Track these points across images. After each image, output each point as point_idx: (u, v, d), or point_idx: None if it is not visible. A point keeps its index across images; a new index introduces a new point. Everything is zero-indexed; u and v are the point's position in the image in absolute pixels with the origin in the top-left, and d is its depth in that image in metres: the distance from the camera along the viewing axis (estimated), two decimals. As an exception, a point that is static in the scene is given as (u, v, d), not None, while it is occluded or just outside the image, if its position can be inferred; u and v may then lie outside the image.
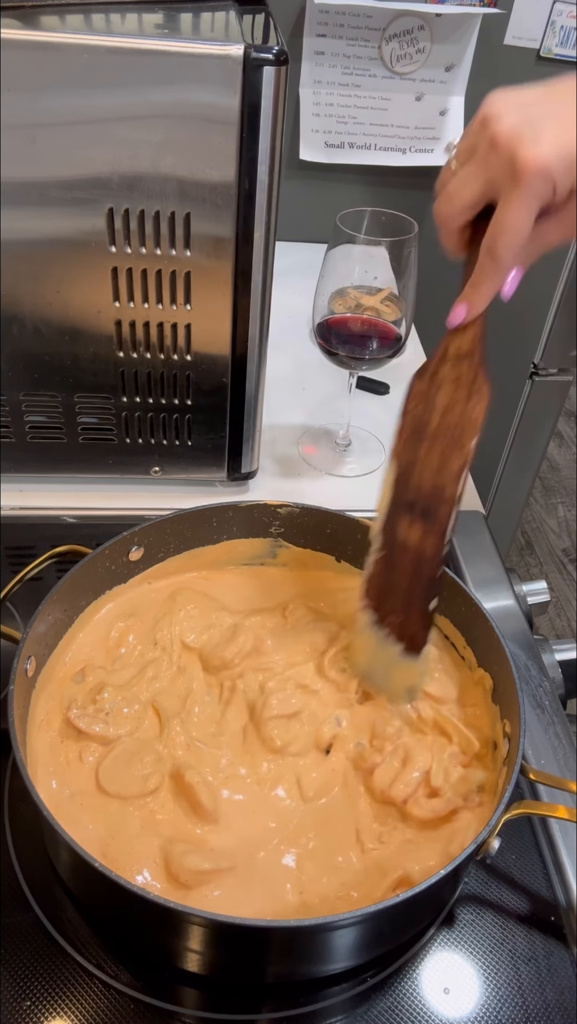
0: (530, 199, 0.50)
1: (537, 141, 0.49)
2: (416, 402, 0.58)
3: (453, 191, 0.53)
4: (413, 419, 0.58)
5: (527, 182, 0.49)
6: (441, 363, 0.58)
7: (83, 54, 0.61)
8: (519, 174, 0.49)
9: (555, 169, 0.49)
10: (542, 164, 0.48)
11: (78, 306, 0.74)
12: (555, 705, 0.73)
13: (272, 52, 0.63)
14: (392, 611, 0.61)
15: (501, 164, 0.50)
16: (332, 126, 1.26)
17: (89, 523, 0.85)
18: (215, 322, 0.76)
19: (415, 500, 0.58)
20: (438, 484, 0.57)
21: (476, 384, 0.57)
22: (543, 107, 0.51)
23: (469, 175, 0.52)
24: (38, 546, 0.79)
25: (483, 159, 0.51)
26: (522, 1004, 0.55)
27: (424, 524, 0.58)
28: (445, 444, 0.57)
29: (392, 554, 0.60)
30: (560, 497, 2.55)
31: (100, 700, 0.63)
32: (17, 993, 0.53)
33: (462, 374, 0.57)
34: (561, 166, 0.49)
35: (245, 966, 0.55)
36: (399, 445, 0.59)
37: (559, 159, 0.49)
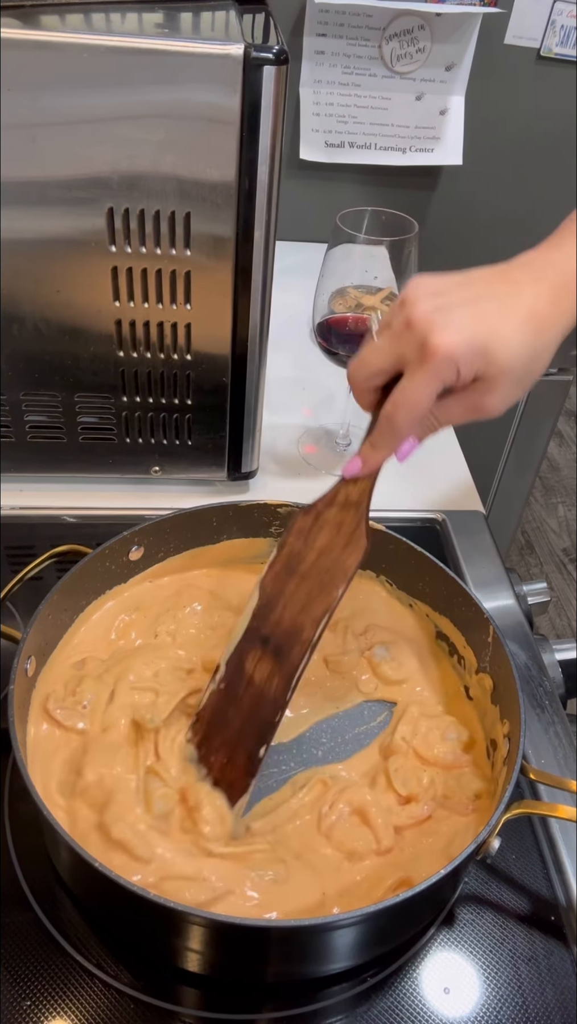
0: (433, 379, 0.53)
1: (446, 328, 0.52)
2: (295, 537, 0.60)
3: (366, 358, 0.56)
4: (289, 553, 0.60)
5: (433, 364, 0.52)
6: (328, 506, 0.60)
7: (83, 54, 0.61)
8: (427, 356, 0.52)
9: (460, 356, 0.52)
10: (448, 350, 0.52)
11: (78, 306, 0.74)
12: (555, 705, 0.73)
13: (272, 52, 0.63)
14: (217, 750, 0.58)
15: (412, 343, 0.53)
16: (332, 126, 1.26)
17: (89, 523, 0.85)
18: (215, 322, 0.76)
19: (270, 635, 0.58)
20: (298, 624, 0.57)
21: (356, 535, 0.58)
22: (457, 296, 0.54)
23: (382, 346, 0.55)
24: (38, 546, 0.79)
25: (397, 335, 0.54)
26: (522, 1004, 0.55)
27: (274, 662, 0.57)
28: (313, 585, 0.58)
29: (233, 687, 0.58)
30: (560, 497, 2.55)
31: (80, 692, 0.63)
32: (17, 993, 0.53)
33: (345, 521, 0.59)
34: (466, 354, 0.52)
35: (245, 966, 0.55)
36: (268, 576, 0.60)
37: (465, 347, 0.52)
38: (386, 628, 0.72)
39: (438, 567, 0.69)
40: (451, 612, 0.69)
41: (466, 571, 0.83)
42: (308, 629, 0.57)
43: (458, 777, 0.62)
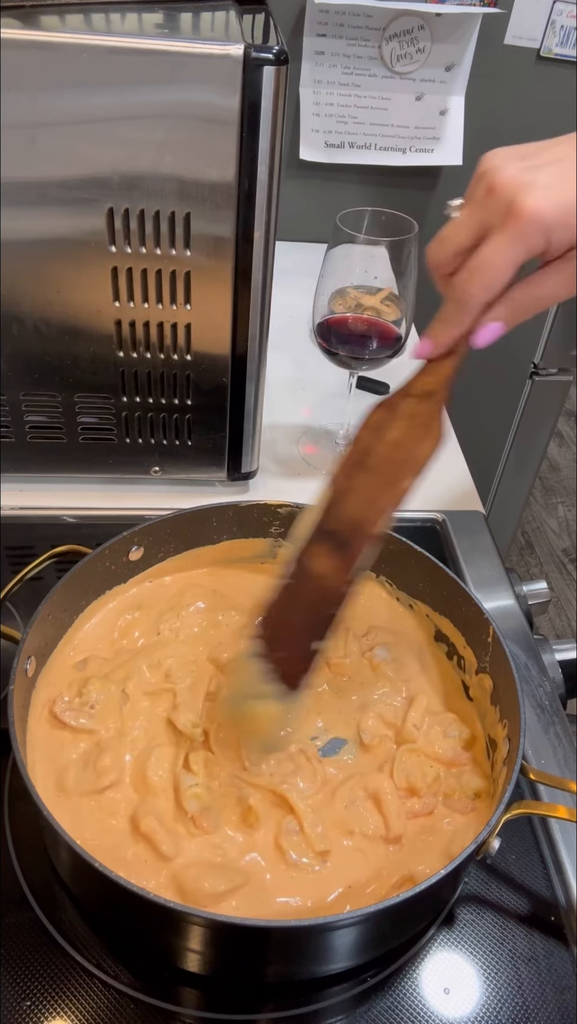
0: (517, 243, 0.48)
1: (534, 187, 0.47)
2: (367, 431, 0.57)
3: (446, 235, 0.51)
4: (360, 447, 0.56)
5: (520, 227, 0.47)
6: (403, 397, 0.56)
7: (83, 54, 0.61)
8: (513, 217, 0.47)
9: (551, 220, 0.47)
10: (537, 211, 0.47)
11: (78, 306, 0.74)
12: (555, 705, 0.73)
13: (272, 52, 0.63)
14: (281, 645, 0.57)
15: (497, 207, 0.48)
16: (332, 126, 1.26)
17: (89, 523, 0.85)
18: (215, 322, 0.76)
19: (336, 530, 0.55)
20: (363, 517, 0.55)
21: (431, 425, 0.55)
22: (543, 157, 0.49)
23: (463, 219, 0.50)
24: (38, 546, 0.79)
25: (479, 203, 0.49)
26: (522, 1004, 0.55)
27: (338, 556, 0.55)
28: (382, 477, 0.55)
29: (297, 582, 0.57)
30: (560, 497, 2.55)
31: (85, 692, 0.63)
32: (17, 993, 0.53)
33: (420, 412, 0.55)
34: (559, 219, 0.47)
35: (245, 966, 0.55)
36: (340, 471, 0.56)
37: (557, 211, 0.47)
38: (387, 629, 0.72)
39: (438, 567, 0.69)
40: (451, 612, 0.69)
41: (466, 571, 0.83)
42: (372, 522, 0.54)
43: (458, 775, 0.62)
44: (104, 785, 0.58)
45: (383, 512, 0.54)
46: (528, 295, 0.50)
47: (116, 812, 0.57)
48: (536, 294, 0.50)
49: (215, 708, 0.63)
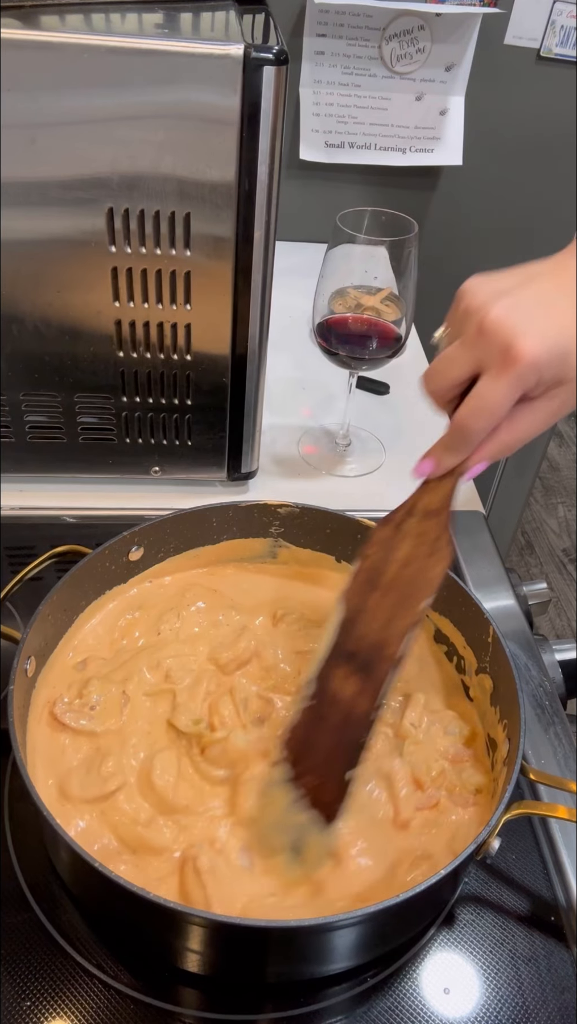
0: (515, 386, 0.50)
1: (528, 334, 0.49)
2: (377, 548, 0.58)
3: (440, 369, 0.53)
4: (371, 565, 0.57)
5: (518, 372, 0.49)
6: (408, 516, 0.58)
7: (83, 54, 0.61)
8: (510, 363, 0.49)
9: (545, 363, 0.49)
10: (535, 357, 0.49)
11: (78, 306, 0.74)
12: (555, 705, 0.73)
13: (272, 52, 0.63)
14: (310, 771, 0.56)
15: (492, 349, 0.50)
16: (332, 126, 1.26)
17: (89, 523, 0.85)
18: (215, 322, 0.76)
19: (356, 651, 0.56)
20: (382, 639, 0.55)
21: (439, 544, 0.56)
22: (525, 294, 0.51)
23: (457, 356, 0.52)
24: (38, 546, 0.79)
25: (472, 342, 0.51)
26: (522, 1004, 0.55)
27: (361, 679, 0.55)
28: (397, 598, 0.56)
29: (321, 706, 0.56)
30: (560, 497, 2.55)
31: (86, 693, 0.63)
32: (17, 993, 0.53)
33: (427, 531, 0.57)
34: (551, 360, 0.49)
35: (245, 966, 0.55)
36: (352, 589, 0.57)
37: (550, 355, 0.49)
38: None
39: (438, 567, 0.69)
40: (451, 612, 0.69)
41: (466, 571, 0.83)
42: (393, 644, 0.55)
43: (460, 771, 0.62)
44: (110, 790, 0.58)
45: (403, 634, 0.55)
46: (512, 435, 0.53)
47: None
48: (519, 434, 0.53)
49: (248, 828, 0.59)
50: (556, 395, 0.52)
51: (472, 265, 0.56)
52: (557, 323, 0.50)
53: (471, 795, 0.60)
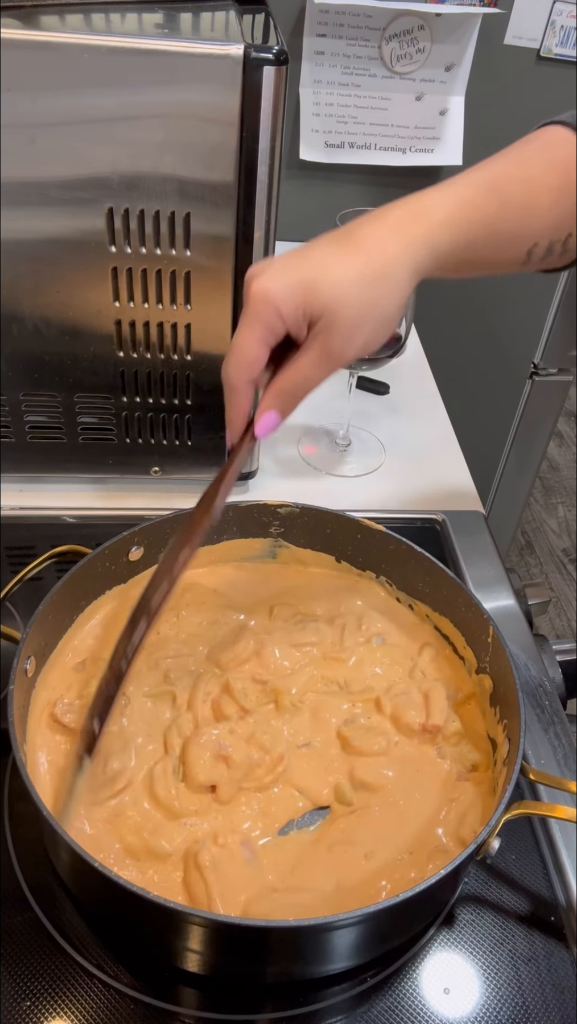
0: (255, 322, 0.52)
1: (265, 272, 0.52)
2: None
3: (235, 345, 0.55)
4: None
5: (252, 307, 0.52)
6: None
7: (83, 54, 0.61)
8: (248, 300, 0.52)
9: (277, 294, 0.51)
10: (264, 289, 0.51)
11: (78, 306, 0.74)
12: (555, 705, 0.73)
13: (272, 52, 0.63)
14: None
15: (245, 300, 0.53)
16: (332, 126, 1.26)
17: (89, 523, 0.85)
18: (215, 322, 0.76)
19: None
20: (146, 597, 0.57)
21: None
22: (284, 258, 0.53)
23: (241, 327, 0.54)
24: (38, 546, 0.79)
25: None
26: (522, 1004, 0.55)
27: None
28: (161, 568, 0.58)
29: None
30: (560, 497, 2.55)
31: (86, 695, 0.62)
32: (17, 993, 0.53)
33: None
34: (284, 291, 0.51)
35: (245, 966, 0.55)
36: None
37: (284, 289, 0.51)
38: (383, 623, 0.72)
39: (438, 567, 0.69)
40: (451, 612, 0.69)
41: (466, 571, 0.83)
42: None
43: (458, 744, 0.64)
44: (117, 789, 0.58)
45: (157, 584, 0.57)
46: (289, 381, 0.54)
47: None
48: (295, 379, 0.54)
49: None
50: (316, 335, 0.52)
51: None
52: (302, 265, 0.52)
53: (467, 771, 0.62)
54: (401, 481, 0.95)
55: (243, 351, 0.53)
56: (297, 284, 0.51)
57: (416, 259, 0.54)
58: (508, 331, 1.48)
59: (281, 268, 0.52)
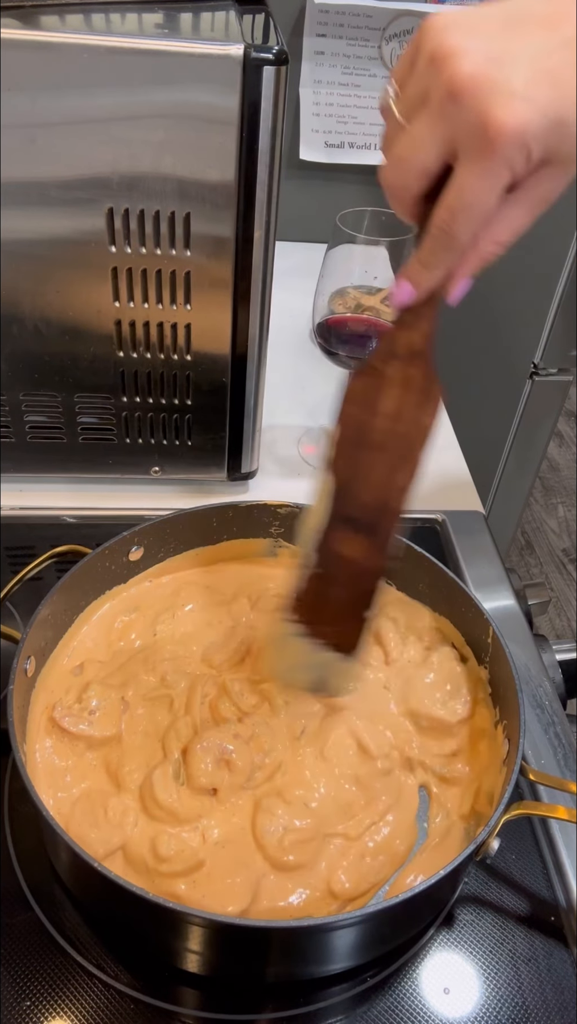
0: (499, 171, 0.40)
1: (513, 96, 0.38)
2: (355, 405, 0.51)
3: (405, 155, 0.42)
4: (352, 424, 0.51)
5: (499, 151, 0.39)
6: (386, 360, 0.49)
7: (83, 54, 0.61)
8: (490, 140, 0.39)
9: (533, 134, 0.39)
10: (519, 128, 0.38)
11: (78, 306, 0.74)
12: (555, 705, 0.73)
13: (272, 52, 0.63)
14: (326, 623, 0.56)
15: (466, 122, 0.39)
16: (332, 126, 1.26)
17: (89, 523, 0.85)
18: (215, 322, 0.76)
19: (357, 516, 0.52)
20: (383, 499, 0.51)
21: (428, 388, 0.50)
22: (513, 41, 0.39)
23: (424, 134, 0.41)
24: (38, 546, 0.79)
25: (439, 112, 0.40)
26: (522, 1004, 0.55)
27: (367, 539, 0.53)
28: (392, 456, 0.51)
29: (330, 570, 0.54)
30: (560, 497, 2.55)
31: (85, 698, 0.62)
32: (17, 993, 0.53)
33: (412, 376, 0.49)
34: (540, 129, 0.39)
35: (245, 966, 0.55)
36: (339, 455, 0.51)
37: (540, 120, 0.38)
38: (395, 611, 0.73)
39: (438, 567, 0.69)
40: (451, 612, 0.69)
41: (466, 571, 0.83)
42: (395, 500, 0.52)
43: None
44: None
45: (404, 490, 0.51)
46: (502, 234, 0.44)
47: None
48: (509, 233, 0.44)
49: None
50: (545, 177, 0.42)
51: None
52: (549, 82, 0.38)
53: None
54: (401, 481, 0.94)
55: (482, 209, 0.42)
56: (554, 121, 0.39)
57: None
58: (508, 331, 1.48)
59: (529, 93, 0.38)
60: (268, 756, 0.60)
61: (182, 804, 0.58)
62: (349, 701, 0.64)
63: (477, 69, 0.38)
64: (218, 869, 0.55)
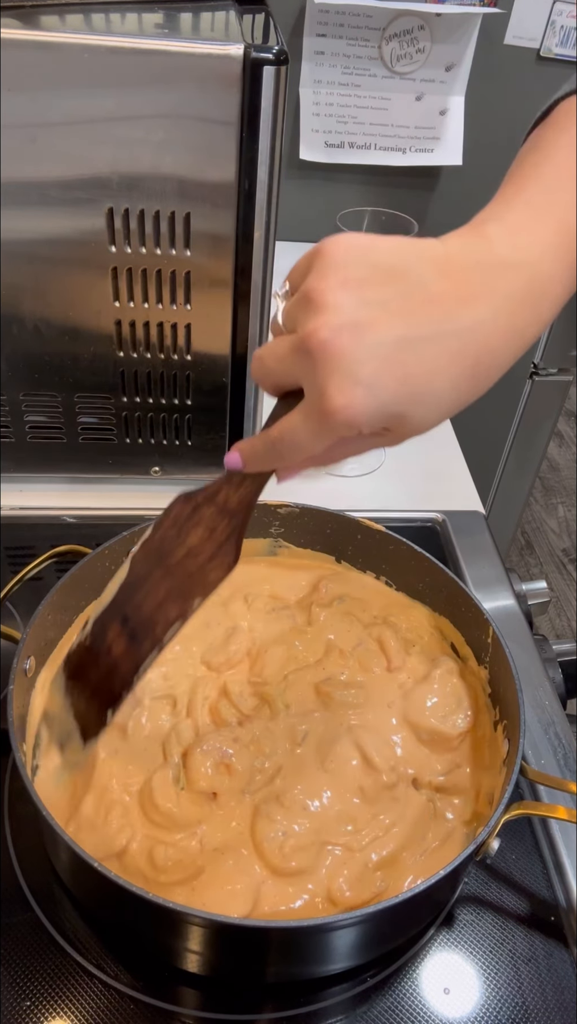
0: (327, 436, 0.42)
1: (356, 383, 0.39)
2: (171, 524, 0.53)
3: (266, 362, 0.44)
4: (161, 538, 0.53)
5: (329, 424, 0.41)
6: (207, 502, 0.52)
7: (83, 54, 0.61)
8: (324, 413, 0.40)
9: (366, 422, 0.40)
10: (350, 416, 0.40)
11: (78, 306, 0.74)
12: (555, 705, 0.73)
13: (272, 52, 0.63)
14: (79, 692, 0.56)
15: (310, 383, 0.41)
16: (332, 126, 1.26)
17: (89, 523, 0.85)
18: (215, 322, 0.76)
19: (129, 617, 0.54)
20: (152, 618, 0.53)
21: (224, 548, 0.52)
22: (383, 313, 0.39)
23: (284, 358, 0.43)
24: (38, 546, 0.79)
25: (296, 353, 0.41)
26: (522, 1004, 0.55)
27: (128, 644, 0.54)
28: (174, 585, 0.53)
29: (94, 649, 0.55)
30: (560, 497, 2.55)
31: None
32: (17, 993, 0.53)
33: (218, 528, 0.52)
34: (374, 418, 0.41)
35: (245, 966, 0.55)
36: (139, 553, 0.54)
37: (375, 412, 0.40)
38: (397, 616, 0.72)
39: (438, 567, 0.69)
40: (451, 612, 0.69)
41: (466, 571, 0.83)
42: (160, 627, 0.53)
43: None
44: None
45: (169, 624, 0.53)
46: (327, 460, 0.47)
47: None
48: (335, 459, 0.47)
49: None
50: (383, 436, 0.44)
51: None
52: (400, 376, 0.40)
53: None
54: (401, 481, 0.95)
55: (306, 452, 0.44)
56: (388, 417, 0.41)
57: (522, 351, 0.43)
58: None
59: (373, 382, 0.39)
60: (268, 760, 0.60)
61: (181, 810, 0.57)
62: (351, 709, 0.64)
63: (332, 338, 0.39)
64: (218, 877, 0.54)
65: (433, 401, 0.41)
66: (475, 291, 0.41)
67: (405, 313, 0.40)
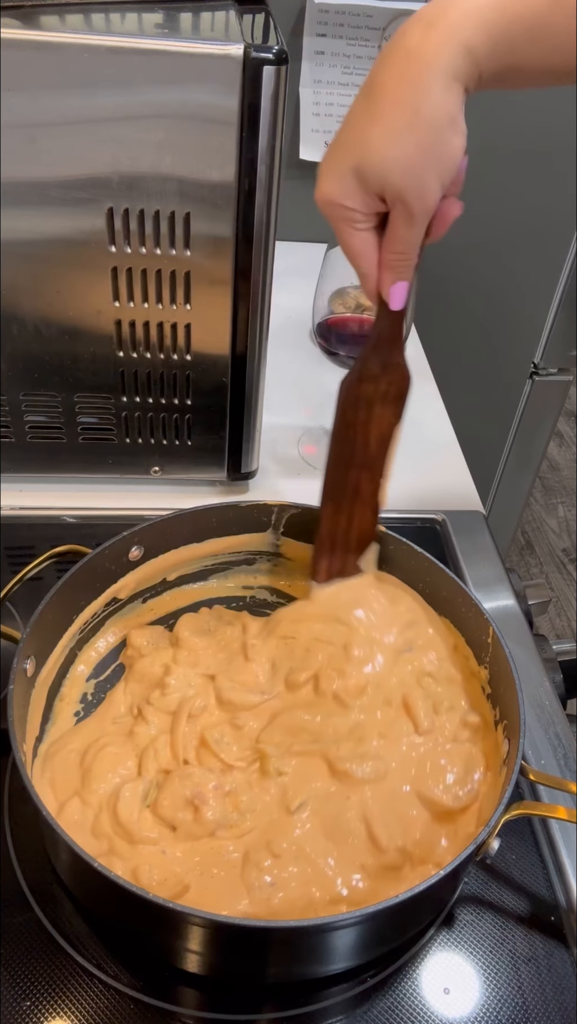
0: (337, 224, 0.55)
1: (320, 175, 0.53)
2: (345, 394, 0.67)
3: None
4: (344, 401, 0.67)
5: (325, 213, 0.55)
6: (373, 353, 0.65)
7: (83, 54, 0.61)
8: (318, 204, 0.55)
9: (335, 194, 0.53)
10: (323, 195, 0.53)
11: (78, 306, 0.74)
12: (555, 705, 0.73)
13: (272, 52, 0.63)
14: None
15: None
16: (332, 126, 1.26)
17: (89, 523, 0.85)
18: (215, 322, 0.76)
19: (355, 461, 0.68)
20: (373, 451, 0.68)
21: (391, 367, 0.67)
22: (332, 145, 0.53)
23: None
24: (38, 546, 0.79)
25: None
26: (522, 1004, 0.55)
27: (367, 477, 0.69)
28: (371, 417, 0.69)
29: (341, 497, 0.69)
30: (560, 497, 2.55)
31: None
32: (17, 993, 0.53)
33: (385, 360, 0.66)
34: (338, 189, 0.52)
35: (245, 966, 0.55)
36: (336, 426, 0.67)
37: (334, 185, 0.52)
38: None
39: (438, 567, 0.69)
40: (451, 612, 0.69)
41: (466, 571, 0.83)
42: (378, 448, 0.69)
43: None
44: None
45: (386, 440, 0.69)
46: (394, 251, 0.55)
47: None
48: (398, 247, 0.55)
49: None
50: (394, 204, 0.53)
51: (472, 266, 0.56)
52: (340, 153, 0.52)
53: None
54: (401, 481, 0.94)
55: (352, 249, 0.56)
56: (346, 174, 0.51)
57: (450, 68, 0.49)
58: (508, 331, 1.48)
59: (330, 162, 0.52)
60: (244, 817, 0.58)
61: (138, 827, 0.56)
62: (365, 781, 0.60)
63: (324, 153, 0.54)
64: (206, 897, 0.54)
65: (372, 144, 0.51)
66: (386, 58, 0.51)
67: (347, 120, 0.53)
